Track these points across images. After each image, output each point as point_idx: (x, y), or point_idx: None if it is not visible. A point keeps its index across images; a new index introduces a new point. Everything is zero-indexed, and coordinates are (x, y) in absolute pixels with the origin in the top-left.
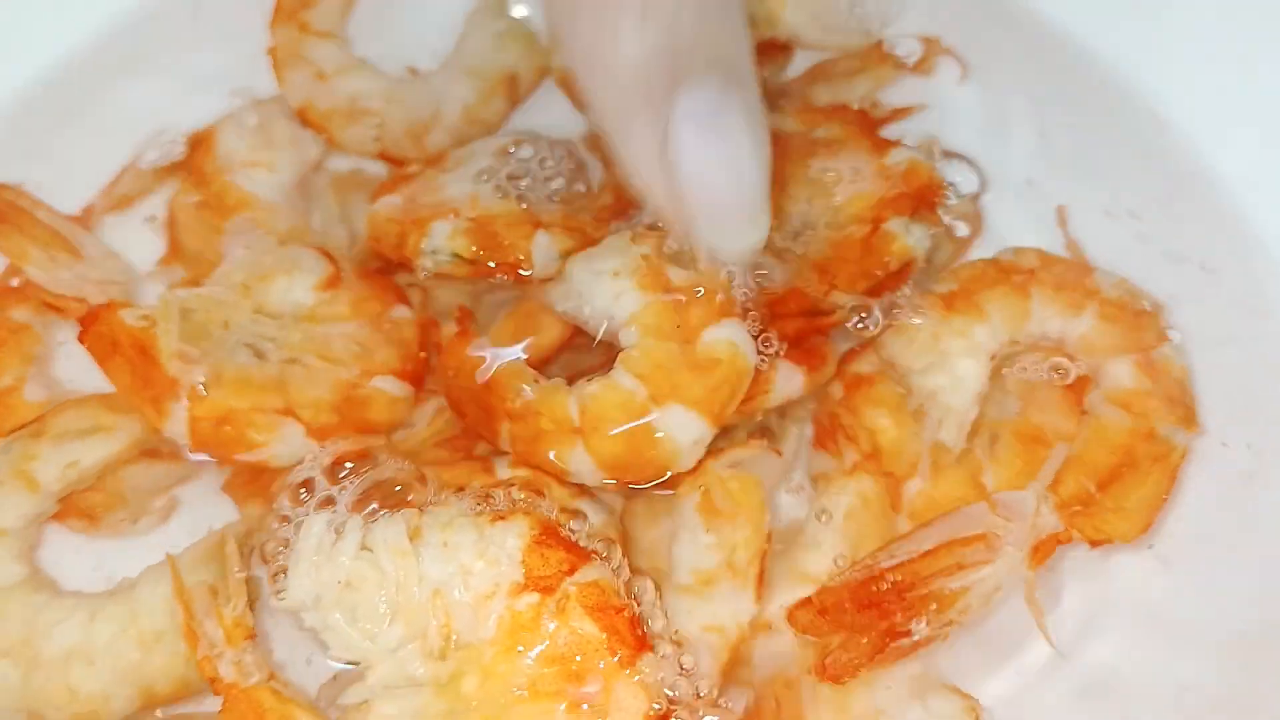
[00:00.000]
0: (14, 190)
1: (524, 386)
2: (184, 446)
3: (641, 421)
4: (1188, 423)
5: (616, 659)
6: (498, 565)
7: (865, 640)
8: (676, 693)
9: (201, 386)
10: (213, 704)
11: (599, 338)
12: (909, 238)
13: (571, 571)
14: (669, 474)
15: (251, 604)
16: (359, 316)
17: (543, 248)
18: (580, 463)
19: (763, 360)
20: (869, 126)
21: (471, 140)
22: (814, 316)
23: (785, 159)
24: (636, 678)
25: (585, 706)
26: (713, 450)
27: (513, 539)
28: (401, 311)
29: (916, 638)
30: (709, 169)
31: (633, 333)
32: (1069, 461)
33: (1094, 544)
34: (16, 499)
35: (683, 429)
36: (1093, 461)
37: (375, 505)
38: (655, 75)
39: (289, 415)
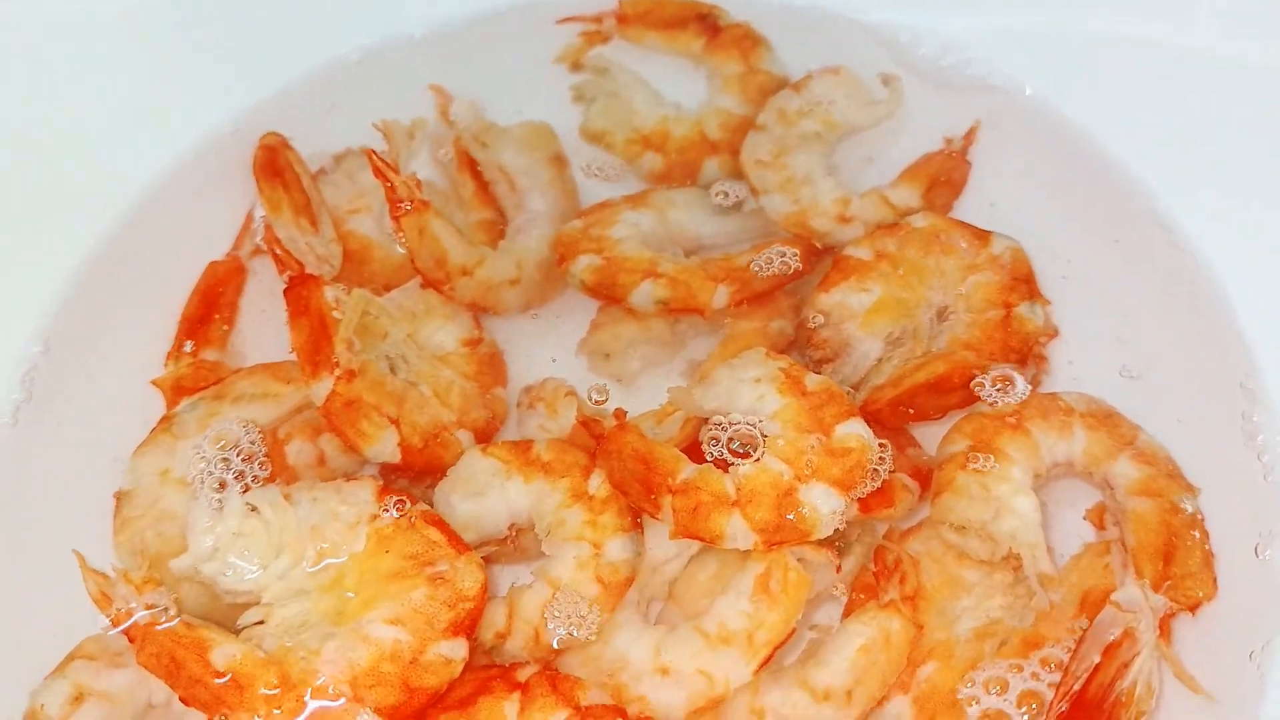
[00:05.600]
0: (292, 151)
1: (683, 467)
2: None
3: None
4: (1188, 489)
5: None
6: (358, 505)
7: None
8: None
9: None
10: None
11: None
12: (1038, 319)
13: (413, 503)
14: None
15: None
16: (475, 379)
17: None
18: (736, 528)
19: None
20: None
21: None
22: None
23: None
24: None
25: (439, 579)
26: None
27: (366, 490)
28: (499, 392)
29: None
30: None
31: (776, 427)
32: (1135, 553)
33: (1193, 610)
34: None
35: (824, 501)
36: (1151, 545)
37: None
38: None
39: (395, 425)
